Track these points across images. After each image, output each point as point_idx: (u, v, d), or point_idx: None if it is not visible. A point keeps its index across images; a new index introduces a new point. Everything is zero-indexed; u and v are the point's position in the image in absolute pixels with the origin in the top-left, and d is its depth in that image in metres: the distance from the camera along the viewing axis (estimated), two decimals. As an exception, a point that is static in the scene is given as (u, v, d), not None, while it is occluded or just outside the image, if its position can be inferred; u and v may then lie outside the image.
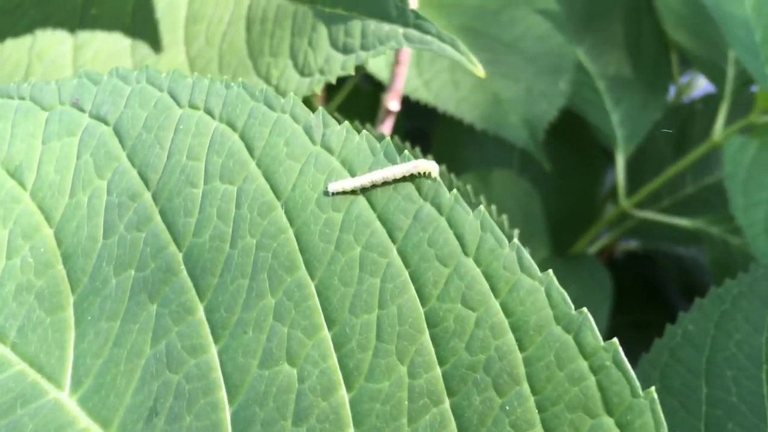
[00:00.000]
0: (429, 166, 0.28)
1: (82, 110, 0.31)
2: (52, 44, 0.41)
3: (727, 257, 0.76)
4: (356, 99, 0.77)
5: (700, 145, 0.77)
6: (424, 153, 0.52)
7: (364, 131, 0.28)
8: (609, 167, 0.93)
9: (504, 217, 0.43)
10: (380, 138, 0.29)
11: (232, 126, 0.30)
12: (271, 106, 0.29)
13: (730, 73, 0.81)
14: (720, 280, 0.78)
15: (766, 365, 0.40)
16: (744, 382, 0.40)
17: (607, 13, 0.85)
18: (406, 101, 0.64)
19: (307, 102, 0.57)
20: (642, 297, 0.94)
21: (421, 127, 0.91)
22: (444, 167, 0.46)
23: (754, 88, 0.79)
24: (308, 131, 0.29)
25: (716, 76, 0.81)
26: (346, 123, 0.29)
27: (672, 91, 0.93)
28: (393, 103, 0.58)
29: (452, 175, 0.46)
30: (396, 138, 0.48)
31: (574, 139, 0.88)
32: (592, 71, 0.83)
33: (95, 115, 0.31)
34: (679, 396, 0.40)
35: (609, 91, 0.83)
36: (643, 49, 0.85)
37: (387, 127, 0.59)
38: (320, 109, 0.29)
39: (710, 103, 0.88)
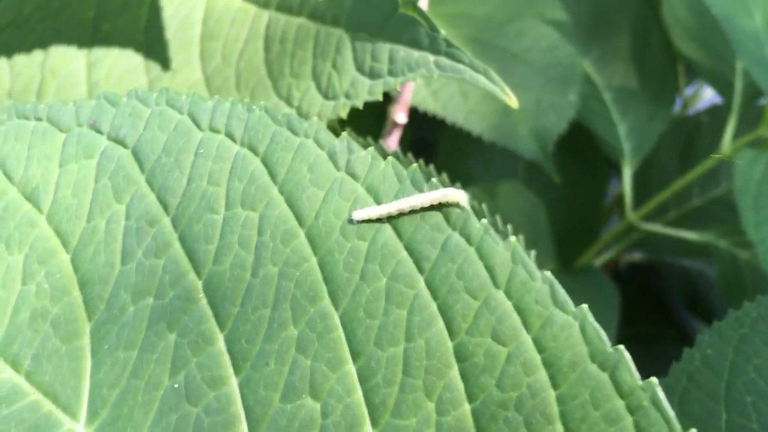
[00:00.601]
0: (457, 195, 0.27)
1: (100, 132, 0.30)
2: (65, 60, 0.40)
3: (736, 271, 0.76)
4: (362, 110, 0.76)
5: (708, 158, 0.76)
6: (429, 163, 0.51)
7: (389, 157, 0.28)
8: (612, 178, 0.92)
9: (521, 237, 0.42)
10: (398, 156, 0.28)
11: (253, 150, 0.29)
12: (294, 131, 0.29)
13: (738, 85, 0.80)
14: (728, 293, 0.78)
15: (786, 390, 0.40)
16: (764, 408, 0.39)
17: (613, 24, 0.85)
18: (411, 111, 0.63)
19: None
20: (646, 308, 0.94)
21: (425, 136, 0.90)
22: (463, 192, 0.45)
23: (763, 101, 0.78)
24: (332, 157, 0.28)
25: (724, 88, 0.80)
26: (371, 149, 0.28)
27: (678, 103, 0.92)
28: (400, 116, 0.57)
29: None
30: (410, 155, 0.48)
31: (577, 149, 0.87)
32: (598, 83, 0.83)
33: (114, 138, 0.30)
34: (699, 422, 0.39)
35: (615, 102, 0.82)
36: (649, 61, 0.84)
37: (394, 139, 0.58)
38: (344, 134, 0.28)
39: (716, 115, 0.87)
